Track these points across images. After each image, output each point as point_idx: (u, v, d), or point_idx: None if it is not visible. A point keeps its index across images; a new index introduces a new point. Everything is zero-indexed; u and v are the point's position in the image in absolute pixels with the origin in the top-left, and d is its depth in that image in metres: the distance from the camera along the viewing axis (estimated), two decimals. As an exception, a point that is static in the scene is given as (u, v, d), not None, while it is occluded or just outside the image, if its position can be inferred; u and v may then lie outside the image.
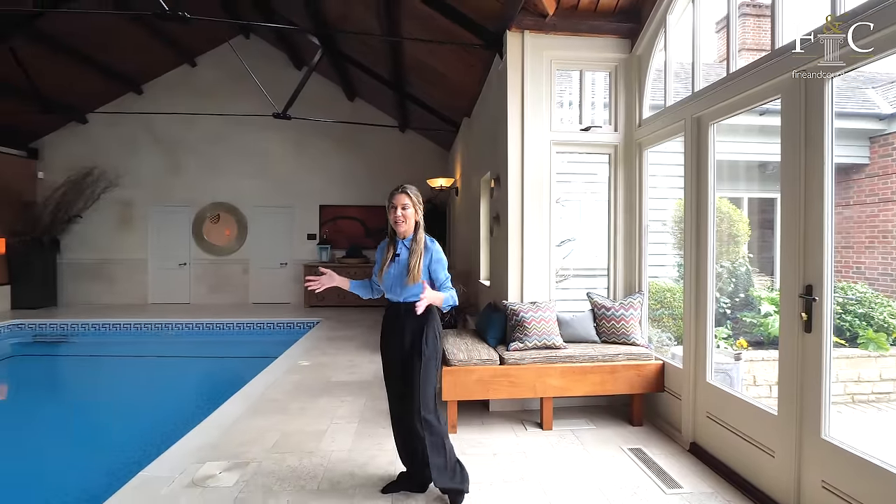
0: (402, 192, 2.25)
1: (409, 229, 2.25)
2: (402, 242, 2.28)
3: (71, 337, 6.74)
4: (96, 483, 2.67)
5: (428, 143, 9.01)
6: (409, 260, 2.21)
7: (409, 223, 2.24)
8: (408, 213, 2.23)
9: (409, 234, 2.27)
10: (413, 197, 2.25)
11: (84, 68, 7.20)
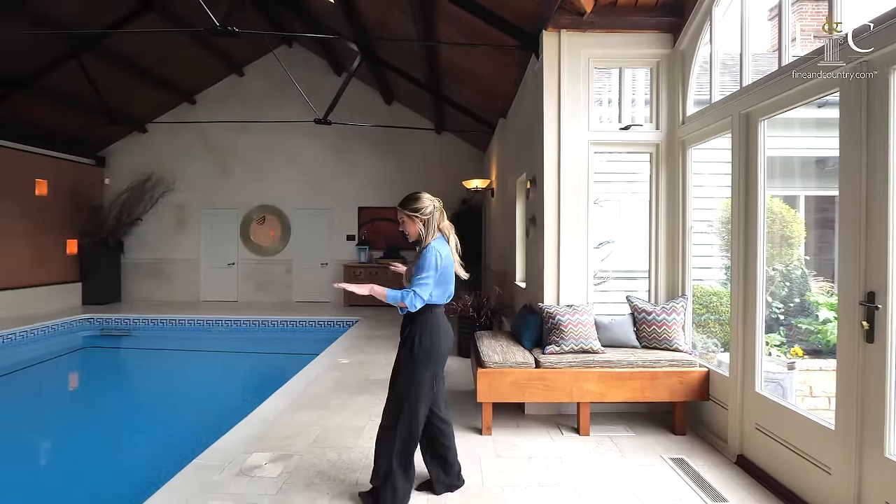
0: (399, 209, 2.36)
1: (418, 237, 2.34)
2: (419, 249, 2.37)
3: (133, 331, 7.28)
4: (156, 466, 2.89)
5: (463, 144, 9.05)
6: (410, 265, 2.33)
7: (412, 234, 2.34)
8: (406, 226, 2.33)
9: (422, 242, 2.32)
10: (406, 212, 2.31)
11: (144, 82, 7.75)
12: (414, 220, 2.31)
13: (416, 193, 2.39)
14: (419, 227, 2.32)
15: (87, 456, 3.32)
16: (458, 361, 4.89)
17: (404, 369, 2.23)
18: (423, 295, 2.16)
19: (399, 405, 2.21)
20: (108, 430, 3.83)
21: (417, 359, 2.21)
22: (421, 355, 2.21)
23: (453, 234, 2.43)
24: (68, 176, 8.24)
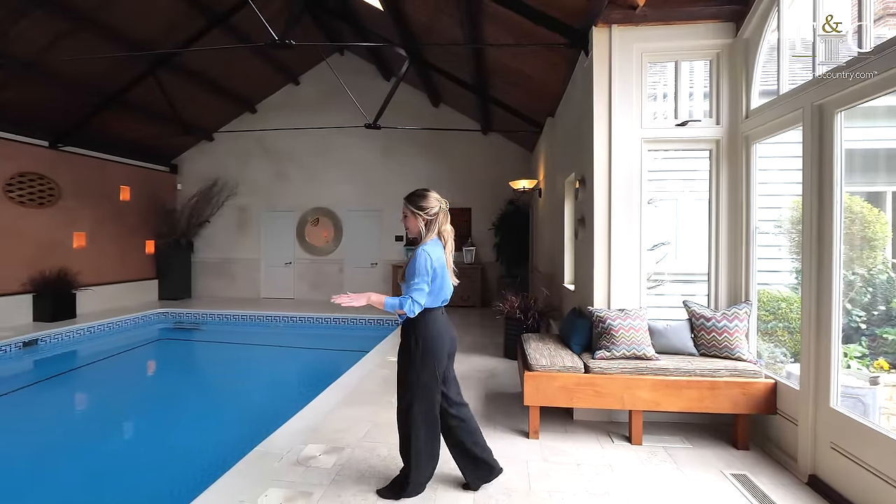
0: (404, 203, 2.34)
1: (417, 235, 2.32)
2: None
3: (201, 325, 7.88)
4: (222, 451, 3.13)
5: (510, 144, 8.97)
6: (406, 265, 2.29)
7: (412, 231, 2.34)
8: (407, 222, 2.33)
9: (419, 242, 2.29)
10: (410, 207, 2.30)
11: (211, 94, 8.37)
12: (417, 217, 2.28)
13: (425, 191, 2.37)
14: (420, 226, 2.29)
15: (163, 438, 3.65)
16: (503, 363, 4.88)
17: (408, 375, 2.25)
18: (421, 300, 2.16)
19: (409, 411, 2.26)
20: (180, 415, 4.19)
21: (417, 363, 2.22)
22: (419, 359, 2.22)
23: (451, 240, 2.39)
24: (146, 182, 9.07)
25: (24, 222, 6.84)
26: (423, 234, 2.29)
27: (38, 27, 5.55)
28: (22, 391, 4.70)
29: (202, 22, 6.75)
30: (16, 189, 6.74)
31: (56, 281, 6.99)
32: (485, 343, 5.76)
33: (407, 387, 2.27)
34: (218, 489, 2.39)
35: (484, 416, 3.43)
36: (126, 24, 6.15)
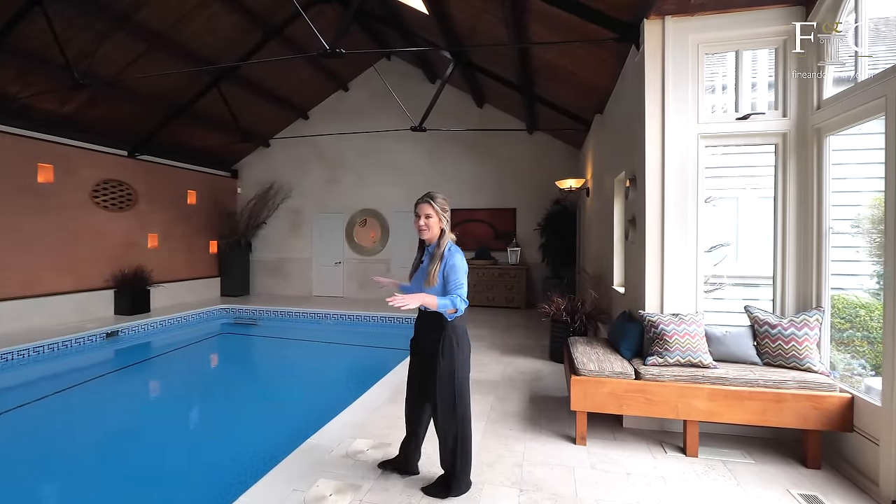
0: (425, 202, 2.32)
1: (434, 236, 2.34)
2: (428, 249, 2.39)
3: (258, 320, 8.35)
4: (276, 441, 3.32)
5: (557, 143, 8.80)
6: (428, 265, 2.30)
7: (431, 231, 2.32)
8: (431, 221, 2.31)
9: (434, 241, 2.34)
10: (436, 206, 2.31)
11: (268, 103, 8.85)
12: (440, 216, 2.32)
13: (436, 192, 2.41)
14: (443, 225, 2.33)
15: (224, 425, 3.92)
16: (549, 366, 4.80)
17: (452, 375, 2.29)
18: (466, 299, 2.27)
19: (455, 410, 2.31)
20: (239, 404, 4.47)
21: (458, 362, 2.30)
22: (459, 358, 2.31)
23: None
24: (210, 187, 9.75)
25: (108, 225, 7.57)
26: (444, 233, 2.34)
27: (120, 49, 6.13)
28: (105, 377, 5.21)
29: (259, 35, 7.17)
30: (101, 195, 7.48)
31: (133, 278, 7.68)
32: (529, 345, 5.69)
33: (451, 387, 2.31)
34: (274, 477, 2.53)
35: (528, 419, 3.40)
36: (193, 41, 6.65)
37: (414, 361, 2.51)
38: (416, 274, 2.44)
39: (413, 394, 2.51)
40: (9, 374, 5.07)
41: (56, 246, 6.77)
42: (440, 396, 2.31)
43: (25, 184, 6.39)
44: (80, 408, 4.33)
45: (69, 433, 3.80)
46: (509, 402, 3.76)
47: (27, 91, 5.94)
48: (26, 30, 5.21)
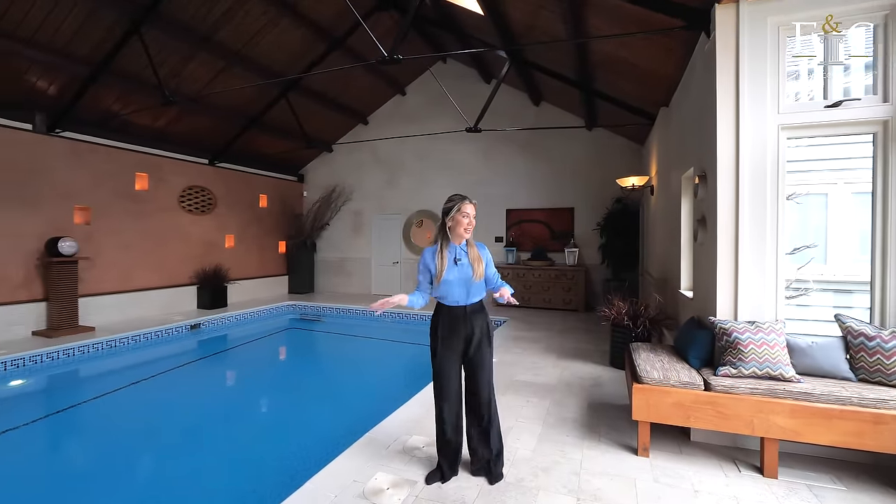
0: (472, 203, 2.49)
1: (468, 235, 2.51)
2: (459, 248, 2.50)
3: (322, 317, 8.80)
4: (337, 433, 3.49)
5: (617, 139, 8.42)
6: (471, 263, 2.47)
7: (470, 230, 2.49)
8: (472, 222, 2.48)
9: (464, 241, 2.52)
10: (475, 207, 2.52)
11: (331, 110, 9.31)
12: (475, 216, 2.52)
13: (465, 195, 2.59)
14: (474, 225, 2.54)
15: (290, 415, 4.18)
16: (609, 372, 4.61)
17: (490, 355, 2.55)
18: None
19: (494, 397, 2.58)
20: (304, 396, 4.74)
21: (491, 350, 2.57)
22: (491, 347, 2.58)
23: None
24: (280, 191, 10.43)
25: (192, 227, 8.35)
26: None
27: (203, 67, 6.74)
28: (188, 366, 5.76)
29: (323, 47, 7.56)
30: (186, 200, 8.27)
31: (213, 276, 8.41)
32: (588, 350, 5.51)
33: (490, 374, 2.55)
34: (335, 466, 2.67)
35: (587, 426, 3.30)
36: (265, 57, 7.16)
37: (451, 357, 2.51)
38: (458, 273, 2.47)
39: (455, 392, 2.53)
40: (114, 360, 5.76)
41: (149, 246, 7.58)
42: (488, 381, 2.52)
43: (126, 191, 7.22)
44: (169, 392, 4.82)
45: (160, 413, 4.25)
46: (566, 407, 3.67)
47: (127, 109, 6.71)
48: (126, 55, 5.89)
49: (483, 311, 2.55)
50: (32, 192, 6.02)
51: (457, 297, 2.47)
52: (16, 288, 5.85)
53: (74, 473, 3.21)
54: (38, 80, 5.73)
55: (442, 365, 2.52)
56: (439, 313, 2.55)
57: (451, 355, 2.51)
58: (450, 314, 2.51)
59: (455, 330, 2.49)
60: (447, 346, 2.50)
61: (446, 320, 2.52)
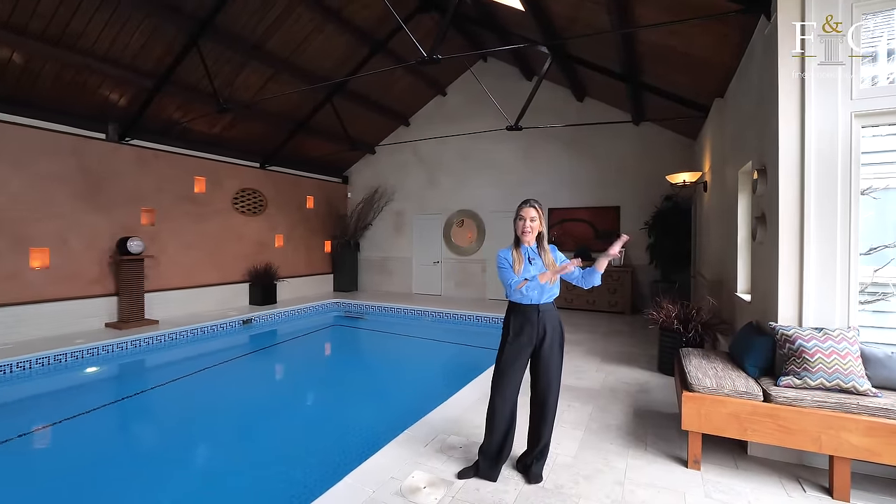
0: (531, 206, 2.52)
1: (534, 238, 2.54)
2: (531, 249, 2.55)
3: (365, 314, 9.01)
4: (378, 428, 3.55)
5: (666, 133, 8.01)
6: (545, 263, 2.51)
7: (534, 233, 2.52)
8: (535, 224, 2.51)
9: (534, 243, 2.55)
10: (538, 210, 2.52)
11: (373, 112, 9.51)
12: (541, 220, 2.54)
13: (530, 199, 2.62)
14: (541, 228, 2.55)
15: (333, 409, 4.30)
16: (657, 378, 4.40)
17: (561, 357, 2.56)
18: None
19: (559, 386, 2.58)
20: (346, 391, 4.86)
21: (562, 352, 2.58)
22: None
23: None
24: (325, 192, 10.79)
25: (244, 227, 8.81)
26: (541, 235, 2.57)
27: (254, 75, 7.09)
28: (240, 359, 6.07)
29: (365, 51, 7.74)
30: (239, 202, 8.73)
31: (264, 274, 8.83)
32: (634, 354, 5.28)
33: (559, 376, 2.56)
34: (374, 462, 2.71)
35: (632, 434, 3.15)
36: (311, 63, 7.43)
37: (517, 357, 2.51)
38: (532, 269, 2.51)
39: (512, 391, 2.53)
40: (175, 351, 6.18)
41: (207, 245, 8.07)
42: (557, 383, 2.54)
43: (186, 194, 7.73)
44: (222, 383, 5.10)
45: (214, 403, 4.51)
46: (610, 413, 3.53)
47: (187, 117, 7.17)
48: (186, 67, 6.30)
49: (556, 311, 2.55)
50: (105, 196, 6.57)
51: (531, 296, 2.48)
52: (91, 283, 6.42)
53: (139, 454, 3.46)
54: (110, 93, 6.25)
55: (506, 363, 2.51)
56: (512, 312, 2.56)
57: (517, 354, 2.51)
58: (523, 313, 2.51)
59: (526, 329, 2.49)
60: (516, 344, 2.51)
61: (519, 319, 2.52)
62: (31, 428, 3.81)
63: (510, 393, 2.53)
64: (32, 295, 5.80)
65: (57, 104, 5.97)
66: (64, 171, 6.11)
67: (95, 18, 5.21)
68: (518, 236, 2.56)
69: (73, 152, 6.22)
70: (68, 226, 6.16)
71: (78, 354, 5.43)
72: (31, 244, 5.82)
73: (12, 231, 5.64)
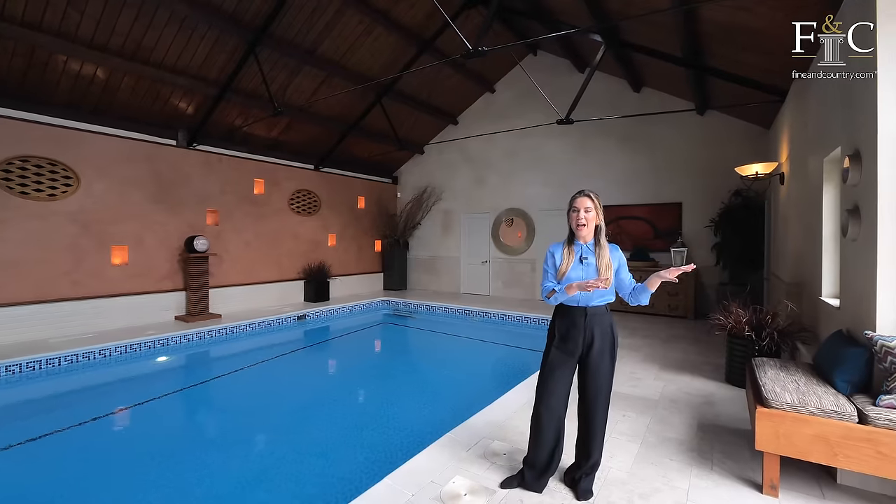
0: (585, 196, 2.28)
1: (591, 233, 2.30)
2: (585, 246, 2.31)
3: (413, 313, 9.06)
4: (421, 429, 3.50)
5: (735, 122, 7.34)
6: (599, 263, 2.25)
7: (590, 226, 2.28)
8: (590, 216, 2.26)
9: (591, 239, 2.31)
10: (595, 200, 2.27)
11: (421, 112, 9.55)
12: (598, 211, 2.29)
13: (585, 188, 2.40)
14: (599, 221, 2.30)
15: (378, 406, 4.31)
16: (724, 389, 4.00)
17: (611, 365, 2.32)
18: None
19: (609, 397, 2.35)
20: (392, 389, 4.87)
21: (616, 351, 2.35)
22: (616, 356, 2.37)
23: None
24: (376, 193, 11.00)
25: (300, 227, 9.17)
26: (598, 230, 2.32)
27: (307, 79, 7.34)
28: (294, 353, 6.30)
29: (413, 51, 7.77)
30: (295, 202, 9.10)
31: (318, 272, 9.14)
32: (697, 362, 4.86)
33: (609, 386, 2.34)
34: (414, 465, 2.66)
35: (696, 450, 2.86)
36: (361, 65, 7.58)
37: (563, 362, 2.34)
38: (582, 273, 2.30)
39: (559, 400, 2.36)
40: (235, 344, 6.53)
41: (266, 244, 8.48)
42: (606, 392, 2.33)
43: (247, 196, 8.16)
44: (277, 376, 5.30)
45: (268, 396, 4.69)
46: (670, 426, 3.24)
47: (246, 122, 7.57)
48: (245, 74, 6.64)
49: (607, 315, 2.32)
50: (175, 198, 7.08)
51: (577, 298, 2.28)
52: (163, 279, 6.94)
53: (202, 440, 3.65)
54: (179, 102, 6.72)
55: (551, 368, 2.35)
56: (558, 314, 2.40)
57: (563, 359, 2.33)
58: (568, 315, 2.33)
59: (572, 333, 2.30)
60: (561, 349, 2.34)
61: (565, 322, 2.34)
62: (113, 409, 4.16)
63: (555, 402, 2.35)
64: (112, 289, 6.37)
65: (133, 114, 6.50)
66: (140, 176, 6.66)
67: (165, 32, 5.61)
68: (573, 230, 2.34)
69: (148, 158, 6.75)
70: (143, 226, 6.70)
71: (150, 344, 5.88)
72: (113, 243, 6.39)
73: (98, 231, 6.22)
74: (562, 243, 2.39)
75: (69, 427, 3.69)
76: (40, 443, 3.44)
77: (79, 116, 6.04)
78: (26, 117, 5.60)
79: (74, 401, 4.44)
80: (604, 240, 2.29)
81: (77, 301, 6.00)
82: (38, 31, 4.95)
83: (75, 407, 4.22)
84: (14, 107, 5.50)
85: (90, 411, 4.01)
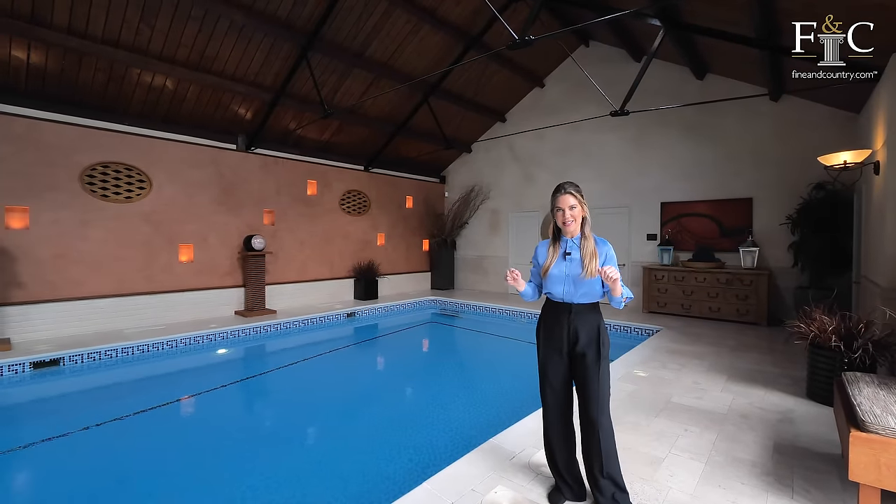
0: (566, 193, 2.21)
1: (578, 228, 2.23)
2: (571, 241, 2.26)
3: (460, 313, 8.99)
4: (465, 433, 3.42)
5: (816, 108, 6.58)
6: (583, 260, 2.17)
7: (577, 222, 2.22)
8: (575, 212, 2.21)
9: (577, 233, 2.24)
10: (577, 196, 2.21)
11: (469, 110, 9.45)
12: (583, 206, 2.22)
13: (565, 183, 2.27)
14: (585, 214, 2.23)
15: (423, 406, 4.27)
16: (805, 405, 3.56)
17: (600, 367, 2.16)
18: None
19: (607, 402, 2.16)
20: (437, 390, 4.80)
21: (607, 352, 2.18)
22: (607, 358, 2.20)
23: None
24: (423, 192, 11.05)
25: (350, 227, 9.40)
26: (584, 223, 2.24)
27: (356, 82, 7.49)
28: (344, 349, 6.43)
29: (460, 48, 7.70)
30: (346, 202, 9.34)
31: (367, 270, 9.32)
32: (772, 374, 4.38)
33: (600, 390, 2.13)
34: (456, 469, 2.56)
35: (772, 474, 2.55)
36: (408, 65, 7.63)
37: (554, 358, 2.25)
38: (565, 268, 2.22)
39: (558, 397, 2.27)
40: (289, 339, 6.79)
41: (318, 243, 8.77)
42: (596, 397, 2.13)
43: (300, 196, 8.48)
44: (327, 371, 5.43)
45: (318, 390, 4.81)
46: (741, 444, 2.92)
47: (300, 125, 7.85)
48: (298, 79, 6.88)
49: (595, 314, 2.22)
50: (235, 199, 7.49)
51: (561, 294, 2.24)
52: (225, 275, 7.36)
53: (254, 431, 3.79)
54: (238, 108, 7.09)
55: (544, 365, 2.31)
56: (543, 309, 2.37)
57: (553, 356, 2.27)
58: (553, 310, 2.29)
59: (556, 329, 2.25)
60: (549, 345, 2.28)
61: (549, 317, 2.31)
62: (178, 397, 4.45)
63: (554, 400, 2.28)
64: (180, 284, 6.83)
65: (198, 121, 6.94)
66: (204, 179, 7.10)
67: (225, 42, 5.92)
68: (558, 227, 2.28)
69: (212, 162, 7.19)
70: (207, 226, 7.14)
71: (212, 337, 6.24)
72: (180, 241, 6.86)
73: (167, 231, 6.70)
74: (548, 241, 2.37)
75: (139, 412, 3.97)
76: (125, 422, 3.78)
77: (151, 125, 6.53)
78: (107, 126, 6.14)
79: (146, 387, 4.79)
80: (588, 231, 2.24)
81: (149, 295, 6.50)
82: (116, 46, 5.40)
83: (147, 393, 4.55)
84: (97, 117, 6.05)
85: (159, 397, 4.31)
